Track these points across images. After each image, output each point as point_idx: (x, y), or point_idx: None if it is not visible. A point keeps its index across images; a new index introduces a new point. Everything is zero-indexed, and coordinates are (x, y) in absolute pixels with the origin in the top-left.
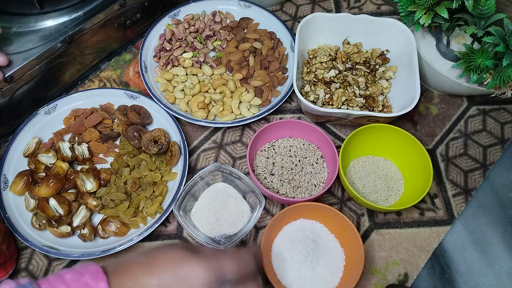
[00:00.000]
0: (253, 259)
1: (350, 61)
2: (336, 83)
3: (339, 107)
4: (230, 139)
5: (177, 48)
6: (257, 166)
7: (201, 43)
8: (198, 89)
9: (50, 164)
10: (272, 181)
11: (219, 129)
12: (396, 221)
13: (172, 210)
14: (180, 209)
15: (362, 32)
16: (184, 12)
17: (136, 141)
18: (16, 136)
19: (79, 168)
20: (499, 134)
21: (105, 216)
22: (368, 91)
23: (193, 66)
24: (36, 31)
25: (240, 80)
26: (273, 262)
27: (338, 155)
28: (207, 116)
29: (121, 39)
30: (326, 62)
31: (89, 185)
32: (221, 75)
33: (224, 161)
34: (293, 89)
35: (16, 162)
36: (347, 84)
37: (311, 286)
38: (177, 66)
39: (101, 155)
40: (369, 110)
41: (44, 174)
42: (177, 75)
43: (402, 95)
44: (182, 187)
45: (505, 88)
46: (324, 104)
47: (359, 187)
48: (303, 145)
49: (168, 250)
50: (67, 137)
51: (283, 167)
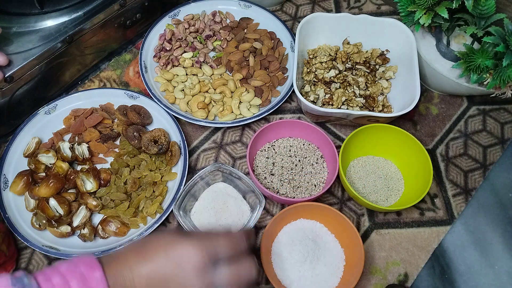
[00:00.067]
0: (245, 238)
1: (350, 61)
2: (336, 83)
3: (339, 107)
4: (230, 139)
5: (177, 48)
6: (257, 166)
7: (201, 43)
8: (198, 89)
9: (50, 164)
10: (272, 181)
11: (219, 129)
12: (396, 221)
13: (172, 210)
14: (180, 209)
15: (362, 32)
16: (184, 12)
17: (136, 141)
18: (16, 136)
19: (79, 168)
20: (499, 134)
21: (105, 216)
22: (368, 91)
23: (193, 66)
24: (36, 31)
25: (240, 80)
26: (273, 262)
27: (338, 155)
28: (207, 116)
29: (121, 39)
30: (326, 62)
31: (89, 185)
32: (221, 75)
33: (224, 161)
34: (293, 89)
35: (16, 162)
36: (347, 84)
37: (311, 286)
38: (177, 66)
39: (101, 155)
40: (369, 110)
41: (44, 174)
42: (177, 75)
43: (402, 95)
44: (182, 187)
45: (505, 88)
46: (324, 104)
47: (359, 187)
48: (303, 145)
49: (159, 235)
50: (67, 137)
51: (283, 167)
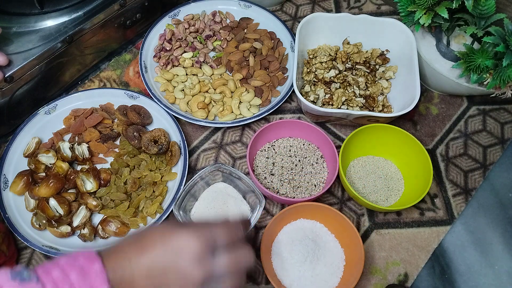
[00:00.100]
0: (242, 226)
1: (350, 61)
2: (336, 83)
3: (339, 107)
4: (230, 139)
5: (177, 48)
6: (257, 166)
7: (201, 43)
8: (198, 89)
9: (50, 164)
10: (272, 181)
11: (219, 129)
12: (396, 221)
13: (172, 210)
14: (180, 209)
15: (362, 32)
16: (184, 12)
17: (136, 141)
18: (16, 136)
19: (79, 168)
20: (499, 134)
21: (105, 216)
22: (368, 91)
23: (193, 66)
24: (36, 31)
25: (240, 80)
26: (273, 262)
27: (338, 155)
28: (207, 116)
29: (121, 39)
30: (326, 62)
31: (89, 185)
32: (221, 75)
33: (224, 161)
34: (293, 89)
35: (16, 162)
36: (347, 84)
37: (311, 286)
38: (177, 66)
39: (101, 155)
40: (369, 110)
41: (44, 174)
42: (177, 75)
43: (402, 95)
44: (182, 187)
45: (505, 88)
46: (324, 104)
47: (359, 187)
48: (303, 145)
49: (157, 227)
50: (67, 137)
51: (283, 167)
